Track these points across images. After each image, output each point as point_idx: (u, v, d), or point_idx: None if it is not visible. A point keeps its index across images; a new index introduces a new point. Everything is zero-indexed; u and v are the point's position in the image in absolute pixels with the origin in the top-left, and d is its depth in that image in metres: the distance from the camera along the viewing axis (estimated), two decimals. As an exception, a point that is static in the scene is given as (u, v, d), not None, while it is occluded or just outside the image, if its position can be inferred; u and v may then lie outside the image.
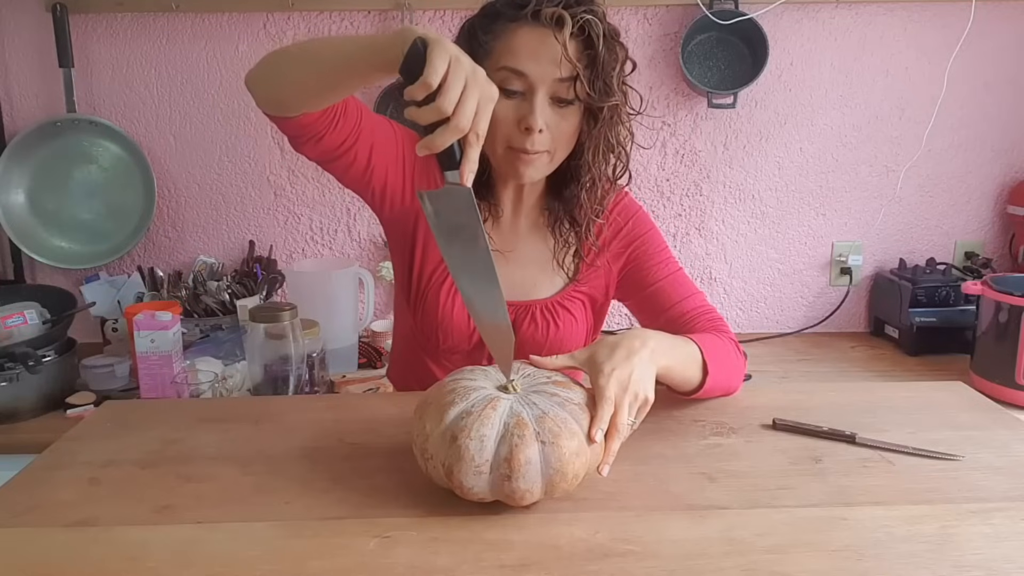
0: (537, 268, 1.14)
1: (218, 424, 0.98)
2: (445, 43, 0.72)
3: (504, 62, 0.97)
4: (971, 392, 1.09)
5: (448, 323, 1.10)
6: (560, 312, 1.13)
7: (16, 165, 1.96)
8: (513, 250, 1.13)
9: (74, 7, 1.92)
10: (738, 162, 2.07)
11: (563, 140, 1.02)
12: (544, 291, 1.14)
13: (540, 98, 0.97)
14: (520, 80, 0.97)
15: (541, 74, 0.96)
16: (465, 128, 0.72)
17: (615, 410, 0.80)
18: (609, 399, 0.80)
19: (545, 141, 0.99)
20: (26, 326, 1.66)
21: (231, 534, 0.73)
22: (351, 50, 0.83)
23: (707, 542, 0.71)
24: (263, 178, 2.06)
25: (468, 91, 0.72)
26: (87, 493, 0.81)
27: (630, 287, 1.16)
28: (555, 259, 1.13)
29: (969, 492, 0.80)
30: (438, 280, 1.10)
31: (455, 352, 1.14)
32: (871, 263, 2.14)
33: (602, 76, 0.98)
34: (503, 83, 0.96)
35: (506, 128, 0.99)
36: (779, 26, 1.97)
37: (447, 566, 0.68)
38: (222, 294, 1.89)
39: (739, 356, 1.07)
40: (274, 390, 1.50)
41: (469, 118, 0.72)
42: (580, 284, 1.14)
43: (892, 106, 2.05)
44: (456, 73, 0.71)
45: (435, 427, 0.75)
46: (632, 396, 0.82)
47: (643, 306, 1.15)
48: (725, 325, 1.09)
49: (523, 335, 1.10)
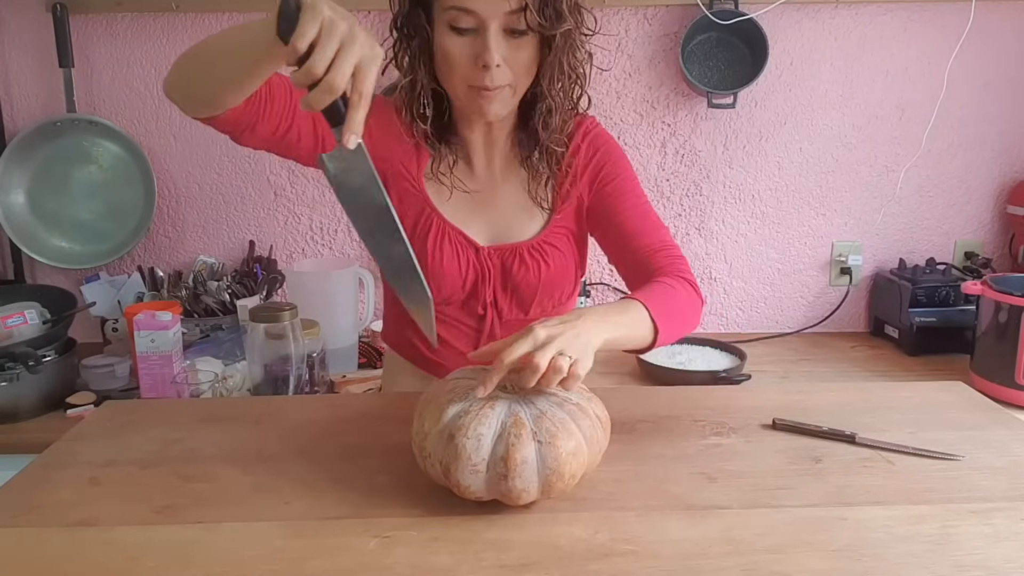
0: (517, 207, 1.13)
1: (218, 424, 0.98)
2: (319, 5, 0.71)
3: (452, 2, 0.95)
4: (971, 392, 1.09)
5: (439, 272, 1.09)
6: (548, 250, 1.11)
7: (16, 165, 1.95)
8: (492, 192, 1.12)
9: (74, 7, 1.92)
10: (738, 162, 2.07)
11: (522, 71, 1.00)
12: (527, 231, 1.13)
13: (493, 33, 0.95)
14: (470, 17, 0.95)
15: (490, 8, 0.94)
16: (338, 88, 0.71)
17: (532, 345, 0.79)
18: (532, 338, 0.79)
19: (504, 75, 0.98)
20: (26, 326, 1.67)
21: (231, 534, 0.73)
22: (245, 37, 0.82)
23: (707, 542, 0.71)
24: (263, 178, 2.06)
25: (343, 52, 0.71)
26: (87, 493, 0.81)
27: (596, 218, 1.14)
28: (529, 192, 1.12)
29: (969, 492, 0.80)
30: (421, 232, 1.09)
31: (449, 303, 1.13)
32: (871, 263, 2.14)
33: (552, 2, 0.95)
34: (453, 21, 0.95)
35: (463, 67, 0.98)
36: (779, 26, 1.97)
37: (447, 566, 0.68)
38: (222, 294, 1.89)
39: (691, 298, 1.04)
40: (274, 390, 1.50)
41: (343, 78, 0.71)
42: (560, 219, 1.13)
43: (892, 106, 2.05)
44: (329, 34, 0.70)
45: (433, 425, 0.75)
46: (560, 345, 0.79)
47: (607, 238, 1.13)
48: (683, 263, 1.08)
49: (516, 278, 1.11)
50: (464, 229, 1.10)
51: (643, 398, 1.06)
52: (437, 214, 1.10)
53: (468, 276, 1.11)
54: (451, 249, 1.09)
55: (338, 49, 0.71)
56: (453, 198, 1.11)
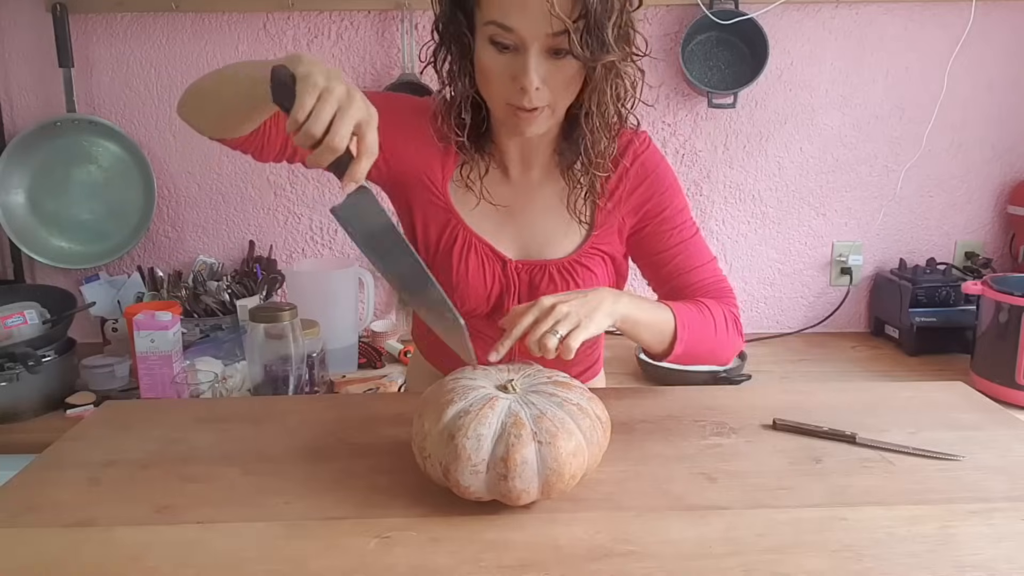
0: (552, 221, 1.07)
1: (218, 424, 0.98)
2: (314, 74, 0.75)
3: (492, 16, 0.90)
4: (971, 392, 1.09)
5: (464, 287, 1.06)
6: (579, 270, 1.06)
7: (16, 165, 1.96)
8: (526, 205, 1.07)
9: (74, 7, 1.92)
10: (738, 162, 2.07)
11: (562, 91, 0.95)
12: (561, 249, 1.08)
13: (533, 54, 0.90)
14: (510, 35, 0.90)
15: (531, 30, 0.88)
16: (339, 148, 0.75)
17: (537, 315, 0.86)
18: (539, 306, 0.85)
19: (543, 96, 0.93)
20: (26, 326, 1.67)
21: (231, 534, 0.73)
22: (242, 88, 0.86)
23: (707, 542, 0.71)
24: (263, 178, 2.06)
25: (341, 114, 0.75)
26: (87, 493, 0.81)
27: (640, 248, 1.10)
28: (568, 205, 1.06)
29: (969, 492, 0.80)
30: (447, 244, 1.06)
31: (472, 316, 1.08)
32: (871, 263, 2.14)
33: (595, 31, 0.89)
34: (494, 36, 0.91)
35: (501, 84, 0.93)
36: (779, 26, 1.97)
37: (447, 566, 0.68)
38: (222, 294, 1.89)
39: (728, 330, 1.04)
40: (274, 390, 1.50)
41: (343, 140, 0.75)
42: (598, 239, 1.08)
43: (892, 106, 2.05)
44: (326, 102, 0.74)
45: (433, 426, 0.75)
46: (565, 310, 0.86)
47: (650, 269, 1.11)
48: (732, 298, 1.07)
49: (543, 295, 1.05)
50: (492, 241, 1.06)
51: (643, 398, 1.06)
52: (463, 225, 1.05)
53: (493, 290, 1.06)
54: (477, 262, 1.05)
55: (336, 111, 0.74)
56: (481, 206, 1.06)
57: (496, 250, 1.06)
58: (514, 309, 0.90)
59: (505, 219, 1.07)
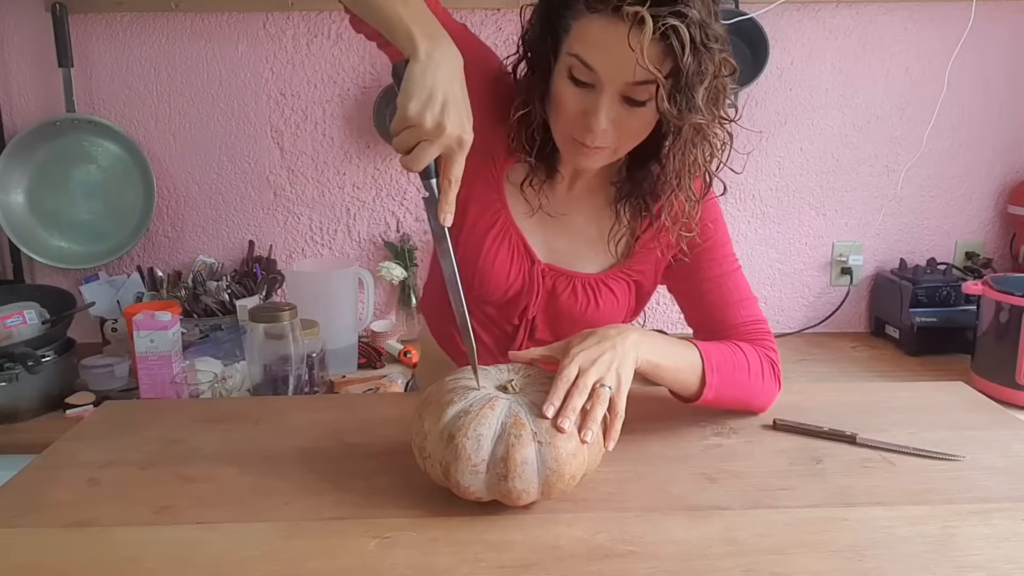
0: (586, 242, 1.06)
1: (218, 424, 0.98)
2: (411, 102, 0.75)
3: (575, 49, 0.87)
4: (972, 392, 1.09)
5: (486, 272, 1.04)
6: (602, 290, 1.05)
7: (16, 165, 1.95)
8: (564, 215, 1.05)
9: (74, 7, 1.92)
10: (738, 162, 2.07)
11: (629, 137, 0.92)
12: (589, 266, 1.06)
13: (607, 97, 0.87)
14: (589, 73, 0.87)
15: (612, 73, 0.85)
16: (415, 170, 0.79)
17: (572, 389, 0.78)
18: (565, 377, 0.79)
19: (607, 138, 0.90)
20: (25, 326, 1.66)
21: (231, 534, 0.73)
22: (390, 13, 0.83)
23: (707, 542, 0.71)
24: (263, 178, 2.06)
25: (424, 146, 0.77)
26: (86, 494, 0.81)
27: (676, 278, 1.08)
28: (608, 238, 1.04)
29: (970, 492, 0.80)
30: (485, 226, 1.03)
31: (487, 302, 1.07)
32: (871, 263, 2.14)
33: (685, 91, 0.85)
34: (573, 70, 0.87)
35: (569, 116, 0.91)
36: (779, 26, 1.97)
37: (447, 566, 0.68)
38: (222, 294, 1.89)
39: (763, 375, 0.99)
40: (274, 390, 1.50)
41: (421, 164, 0.78)
42: (629, 266, 1.06)
43: (892, 106, 2.05)
44: (412, 132, 0.76)
45: (433, 426, 0.75)
46: (596, 376, 0.80)
47: (687, 300, 1.08)
48: (769, 340, 1.03)
49: (560, 304, 1.05)
50: (528, 236, 1.04)
51: (643, 398, 1.06)
52: (507, 211, 1.03)
53: (514, 284, 1.05)
54: (507, 252, 1.03)
55: (420, 142, 0.77)
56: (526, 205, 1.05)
57: (529, 246, 1.04)
58: (536, 351, 0.87)
59: (545, 220, 1.05)
